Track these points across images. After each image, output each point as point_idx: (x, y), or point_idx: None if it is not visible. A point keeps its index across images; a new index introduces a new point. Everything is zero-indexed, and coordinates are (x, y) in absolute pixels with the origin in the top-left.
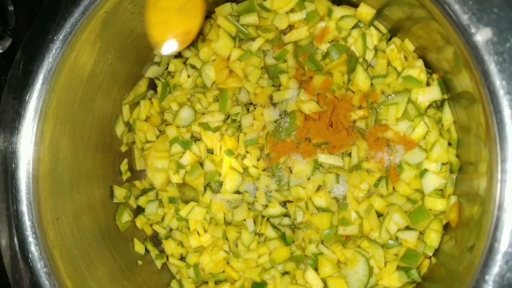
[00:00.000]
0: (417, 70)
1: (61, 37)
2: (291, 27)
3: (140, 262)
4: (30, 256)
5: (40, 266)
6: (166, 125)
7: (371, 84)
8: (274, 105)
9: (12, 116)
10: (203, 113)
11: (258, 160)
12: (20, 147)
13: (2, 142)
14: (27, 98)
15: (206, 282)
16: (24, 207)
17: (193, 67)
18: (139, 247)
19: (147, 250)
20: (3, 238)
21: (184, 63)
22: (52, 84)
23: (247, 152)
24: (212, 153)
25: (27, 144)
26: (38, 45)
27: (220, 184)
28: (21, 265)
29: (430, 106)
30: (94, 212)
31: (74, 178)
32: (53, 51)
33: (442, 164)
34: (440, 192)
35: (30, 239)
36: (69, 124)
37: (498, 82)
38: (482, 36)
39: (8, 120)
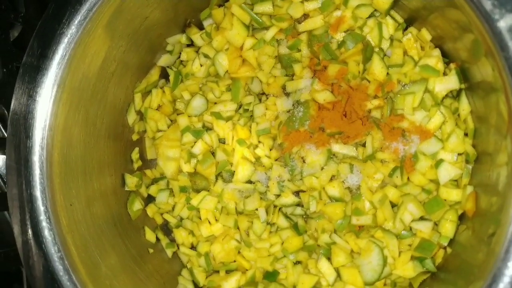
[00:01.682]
0: (434, 59)
1: (76, 22)
2: (305, 16)
3: (151, 250)
4: (44, 241)
5: (53, 251)
6: (178, 114)
7: (387, 73)
8: (287, 95)
9: (26, 101)
10: (215, 103)
11: (270, 149)
12: (34, 132)
13: (16, 128)
14: (41, 83)
15: (217, 271)
16: (38, 192)
17: (206, 56)
18: (150, 236)
19: (158, 239)
20: (16, 223)
21: (197, 52)
22: (66, 70)
23: (259, 141)
24: (224, 142)
25: (40, 129)
26: (52, 30)
27: (232, 173)
28: (34, 250)
29: (446, 96)
30: (106, 199)
31: (86, 164)
32: (68, 36)
33: (458, 154)
34: (455, 183)
35: (44, 224)
36: (82, 110)
37: None
38: (506, 22)
39: (21, 106)
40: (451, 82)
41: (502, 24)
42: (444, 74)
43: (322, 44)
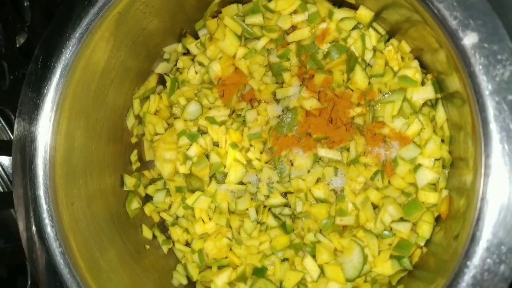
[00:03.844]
0: (413, 70)
1: (77, 35)
2: (294, 27)
3: (148, 247)
4: (47, 237)
5: (55, 246)
6: (174, 118)
7: (369, 82)
8: (277, 101)
9: (30, 108)
10: (210, 108)
11: (261, 153)
12: (38, 136)
13: (22, 132)
14: (45, 91)
15: (210, 267)
16: (41, 192)
17: (201, 64)
18: (147, 233)
19: (154, 236)
20: (21, 221)
21: (192, 60)
22: (69, 79)
23: (250, 145)
24: (218, 145)
25: (44, 134)
26: (55, 42)
27: (225, 175)
28: (38, 245)
29: (424, 104)
30: (105, 198)
31: (87, 166)
32: (70, 48)
33: (435, 159)
34: (433, 186)
35: (47, 221)
36: (83, 115)
37: (483, 83)
38: (468, 40)
39: (27, 111)
40: (428, 92)
41: (466, 42)
42: (422, 84)
43: (309, 54)
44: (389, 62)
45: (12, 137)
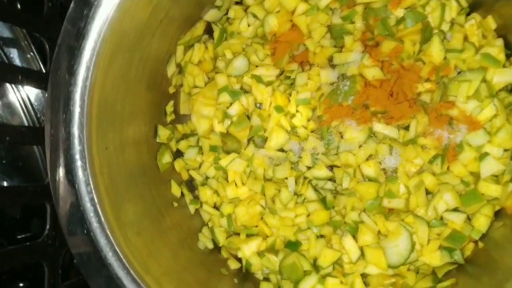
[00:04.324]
0: (497, 49)
1: None
2: None
3: (175, 204)
4: (77, 180)
5: (86, 192)
6: (217, 72)
7: (445, 57)
8: (333, 67)
9: (73, 37)
10: (257, 66)
11: (308, 120)
12: (80, 69)
13: (61, 63)
14: (91, 20)
15: (238, 234)
16: (76, 130)
17: (255, 16)
18: (175, 189)
19: (182, 194)
20: (49, 160)
21: (245, 10)
22: (117, 9)
23: (297, 111)
24: (261, 107)
25: (85, 67)
26: None
27: (264, 139)
28: (66, 188)
29: (501, 89)
30: (138, 148)
31: (124, 110)
32: None
33: (504, 150)
34: (496, 178)
35: (79, 163)
36: (127, 54)
37: None
38: None
39: (68, 40)
40: None
41: None
42: (504, 66)
43: (379, 18)
44: (469, 38)
45: (43, 69)
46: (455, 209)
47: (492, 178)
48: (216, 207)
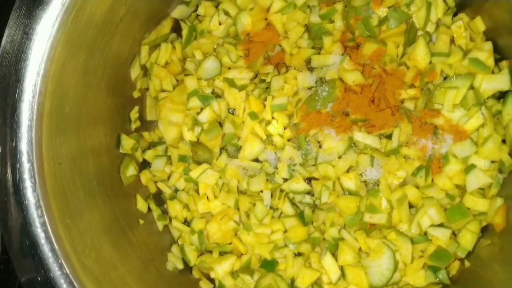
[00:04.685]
0: (485, 54)
1: None
2: None
3: (141, 221)
4: (26, 203)
5: (36, 216)
6: (186, 75)
7: (430, 62)
8: (311, 70)
9: (20, 39)
10: (229, 68)
11: (284, 128)
12: (27, 76)
13: (6, 69)
14: (39, 19)
15: (210, 252)
16: (24, 146)
17: (226, 13)
18: (141, 204)
19: (149, 209)
20: None
21: (217, 7)
22: (70, 7)
23: (272, 118)
24: (234, 113)
25: (34, 74)
26: None
27: (238, 148)
28: (14, 210)
29: (489, 96)
30: (98, 161)
31: (81, 119)
32: None
33: (492, 162)
34: (482, 192)
35: (28, 183)
36: (82, 57)
37: None
38: None
39: (15, 43)
40: (502, 81)
41: None
42: (492, 72)
43: (360, 18)
44: (456, 40)
45: None
46: (440, 225)
47: (479, 191)
48: (187, 222)
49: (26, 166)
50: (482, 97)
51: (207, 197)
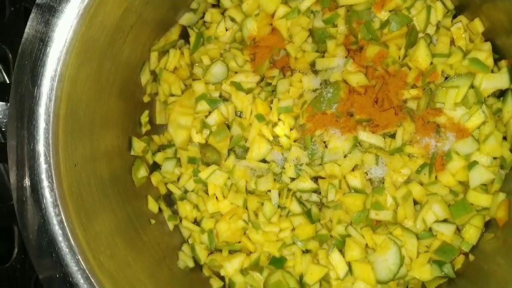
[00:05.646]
0: (485, 54)
1: None
2: None
3: (153, 221)
4: (44, 201)
5: (53, 214)
6: (194, 79)
7: (431, 62)
8: (315, 72)
9: (36, 46)
10: (236, 72)
11: (290, 129)
12: (44, 81)
13: (23, 75)
14: (55, 28)
15: (220, 250)
16: (41, 147)
17: (232, 19)
18: (152, 205)
19: (160, 210)
20: (13, 179)
21: (223, 13)
22: (84, 16)
23: (279, 119)
24: (241, 116)
25: (50, 79)
26: None
27: (246, 150)
28: (32, 209)
29: (489, 95)
30: (111, 163)
31: (94, 122)
32: None
33: (493, 158)
34: (485, 187)
35: (45, 183)
36: (96, 63)
37: None
38: None
39: (31, 50)
40: (501, 80)
41: None
42: (492, 71)
43: (362, 22)
44: (456, 42)
45: (7, 79)
46: (444, 220)
47: (482, 187)
48: (196, 222)
49: (43, 166)
50: (482, 96)
51: (216, 197)
